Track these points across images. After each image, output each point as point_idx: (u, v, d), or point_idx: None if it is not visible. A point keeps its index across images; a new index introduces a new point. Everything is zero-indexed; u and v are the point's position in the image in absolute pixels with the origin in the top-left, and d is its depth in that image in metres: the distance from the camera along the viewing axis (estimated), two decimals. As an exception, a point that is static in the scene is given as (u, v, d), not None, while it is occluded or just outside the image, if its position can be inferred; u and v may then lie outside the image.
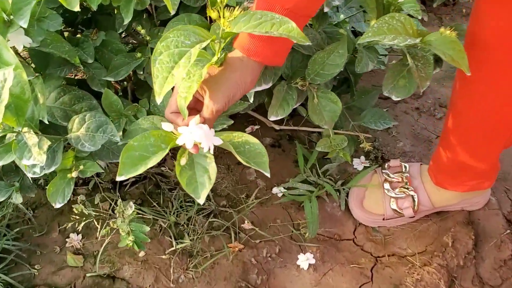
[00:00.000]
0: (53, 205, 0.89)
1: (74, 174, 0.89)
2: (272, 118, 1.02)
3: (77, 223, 1.14)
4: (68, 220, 1.15)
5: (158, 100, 0.60)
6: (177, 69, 0.60)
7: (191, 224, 1.18)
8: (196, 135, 0.62)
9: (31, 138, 0.80)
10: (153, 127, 0.90)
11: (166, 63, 0.61)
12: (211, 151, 0.63)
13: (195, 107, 0.72)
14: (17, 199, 1.00)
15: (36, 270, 1.10)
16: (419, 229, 1.20)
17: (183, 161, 0.63)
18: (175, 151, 1.26)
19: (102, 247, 1.10)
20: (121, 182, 1.27)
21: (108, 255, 1.13)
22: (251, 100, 0.97)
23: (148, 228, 0.94)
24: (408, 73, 0.94)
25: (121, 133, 0.94)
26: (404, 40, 0.80)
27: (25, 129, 0.81)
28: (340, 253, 1.16)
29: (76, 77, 1.25)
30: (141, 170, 0.60)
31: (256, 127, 1.38)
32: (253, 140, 0.68)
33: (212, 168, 0.63)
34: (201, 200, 0.59)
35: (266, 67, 0.93)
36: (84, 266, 1.12)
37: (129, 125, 0.97)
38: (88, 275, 1.09)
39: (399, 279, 1.13)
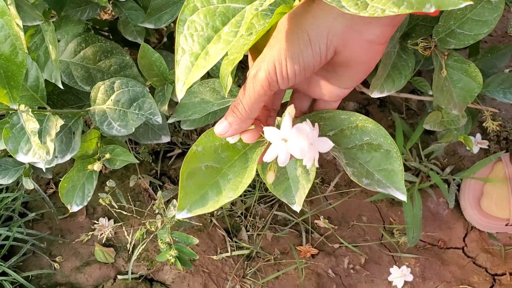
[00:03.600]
0: (68, 207, 0.64)
1: (96, 167, 0.63)
2: (376, 95, 0.72)
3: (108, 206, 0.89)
4: (98, 198, 0.89)
5: (179, 94, 0.31)
6: (215, 44, 0.31)
7: (249, 215, 0.92)
8: (294, 145, 0.33)
9: (29, 121, 0.54)
10: (216, 97, 0.62)
11: (201, 29, 0.32)
12: (316, 164, 0.36)
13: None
14: (28, 184, 0.75)
15: (57, 264, 0.88)
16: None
17: (270, 178, 0.39)
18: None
19: (139, 246, 0.86)
20: (164, 153, 1.01)
21: (145, 250, 0.89)
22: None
23: (196, 240, 0.68)
24: None
25: (166, 107, 0.66)
26: None
27: (23, 106, 0.55)
28: (446, 268, 0.88)
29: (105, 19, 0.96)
30: (217, 201, 0.36)
31: (336, 87, 1.06)
32: (374, 126, 0.37)
33: (313, 169, 0.41)
34: (296, 207, 0.42)
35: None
36: (115, 263, 0.89)
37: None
38: (120, 277, 0.86)
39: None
